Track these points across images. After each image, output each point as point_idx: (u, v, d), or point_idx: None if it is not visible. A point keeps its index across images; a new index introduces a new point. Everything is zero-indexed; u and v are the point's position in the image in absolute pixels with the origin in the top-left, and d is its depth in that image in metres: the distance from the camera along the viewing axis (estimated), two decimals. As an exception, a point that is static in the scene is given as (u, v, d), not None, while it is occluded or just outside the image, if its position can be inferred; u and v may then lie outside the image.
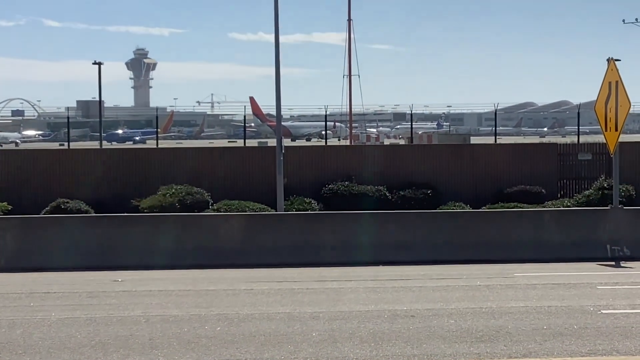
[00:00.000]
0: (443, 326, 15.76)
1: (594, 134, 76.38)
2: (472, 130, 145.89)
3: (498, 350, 14.00)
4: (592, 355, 13.67)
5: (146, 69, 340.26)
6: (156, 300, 18.89)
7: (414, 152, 43.49)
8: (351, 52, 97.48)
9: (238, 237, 25.39)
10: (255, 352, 13.95)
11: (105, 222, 26.19)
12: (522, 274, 22.40)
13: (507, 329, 15.44)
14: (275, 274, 22.84)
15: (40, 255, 24.40)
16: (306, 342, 14.56)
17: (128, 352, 13.98)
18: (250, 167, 40.53)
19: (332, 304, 18.10)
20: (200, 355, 13.78)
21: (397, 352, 13.85)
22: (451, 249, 25.33)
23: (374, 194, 39.23)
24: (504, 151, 43.37)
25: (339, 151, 45.32)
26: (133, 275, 22.49)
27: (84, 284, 21.18)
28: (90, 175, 39.80)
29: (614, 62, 26.80)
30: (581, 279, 21.64)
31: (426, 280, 21.54)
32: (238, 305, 18.03)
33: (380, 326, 15.80)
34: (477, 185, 40.73)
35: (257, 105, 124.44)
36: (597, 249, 25.39)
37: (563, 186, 41.81)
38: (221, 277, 22.39)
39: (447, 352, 13.86)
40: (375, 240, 25.37)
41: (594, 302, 18.13)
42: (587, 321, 16.13)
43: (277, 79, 35.17)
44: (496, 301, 18.27)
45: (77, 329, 15.77)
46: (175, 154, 42.89)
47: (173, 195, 37.23)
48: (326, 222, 26.57)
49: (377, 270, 23.31)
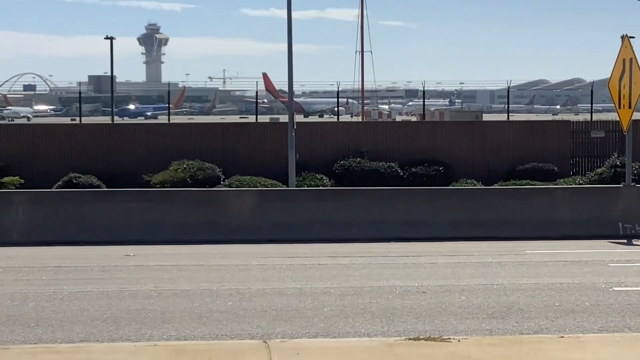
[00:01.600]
0: (454, 302, 15.77)
1: (607, 111, 76.15)
2: (484, 107, 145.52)
3: (510, 326, 14.01)
4: (604, 332, 13.67)
5: (158, 44, 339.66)
6: (168, 274, 18.93)
7: (425, 129, 43.41)
8: (364, 28, 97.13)
9: (250, 213, 25.39)
10: (266, 326, 13.98)
11: (117, 196, 26.20)
12: (534, 251, 22.37)
13: (518, 306, 15.43)
14: (286, 249, 22.85)
15: (52, 230, 24.42)
16: (317, 317, 14.59)
17: (140, 326, 14.03)
18: (262, 143, 40.51)
19: (343, 280, 18.12)
20: (212, 330, 13.81)
21: (408, 328, 13.87)
22: (462, 225, 25.28)
23: (385, 170, 39.19)
24: (516, 128, 43.27)
25: (350, 127, 45.27)
26: (145, 250, 22.52)
27: (95, 258, 21.22)
28: (101, 150, 39.84)
29: (629, 39, 26.68)
30: (593, 256, 21.61)
31: (437, 256, 21.53)
32: (250, 281, 18.06)
33: (392, 302, 15.81)
34: (489, 163, 40.67)
35: (270, 81, 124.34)
36: (609, 226, 25.32)
37: (575, 164, 41.74)
38: (233, 252, 22.41)
39: (458, 328, 13.87)
40: (387, 217, 25.34)
41: (606, 279, 18.11)
42: (599, 298, 16.12)
43: (290, 55, 35.10)
44: (508, 278, 18.26)
45: (89, 302, 15.82)
46: (187, 130, 42.89)
47: (185, 170, 37.26)
48: (337, 198, 26.56)
49: (388, 246, 23.31)
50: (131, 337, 13.39)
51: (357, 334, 13.56)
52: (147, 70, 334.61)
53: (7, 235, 24.16)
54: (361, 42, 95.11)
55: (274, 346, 12.32)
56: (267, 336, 13.26)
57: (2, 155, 39.12)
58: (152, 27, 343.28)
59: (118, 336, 13.45)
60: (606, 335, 13.40)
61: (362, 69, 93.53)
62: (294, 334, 13.54)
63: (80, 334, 13.58)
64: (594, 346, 12.40)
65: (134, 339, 13.21)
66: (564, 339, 12.87)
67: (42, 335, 13.51)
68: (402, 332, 13.57)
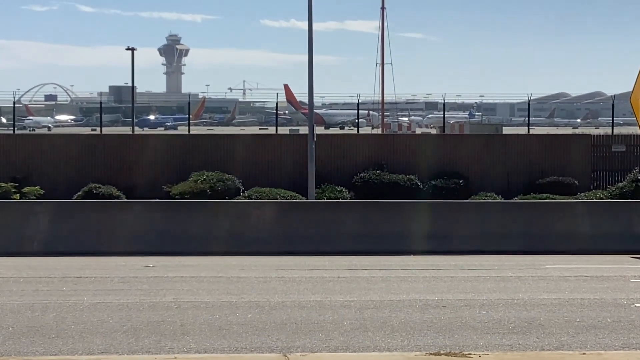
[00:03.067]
0: (475, 317, 15.70)
1: (628, 125, 75.90)
2: (504, 120, 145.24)
3: (530, 342, 13.93)
4: (626, 348, 13.57)
5: (178, 55, 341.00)
6: (187, 286, 18.92)
7: (445, 142, 43.35)
8: (384, 40, 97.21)
9: (269, 225, 25.39)
10: (286, 339, 13.95)
11: (136, 207, 26.26)
12: (554, 265, 22.27)
13: (539, 321, 15.36)
14: (306, 261, 22.83)
15: (72, 240, 24.50)
16: (337, 331, 14.55)
17: (160, 338, 14.02)
18: (281, 155, 40.52)
19: (363, 293, 18.07)
20: (232, 342, 13.79)
21: (428, 342, 13.81)
22: (482, 239, 25.22)
23: (405, 183, 39.13)
24: (536, 142, 43.13)
25: (370, 140, 45.22)
26: (164, 261, 22.54)
27: (115, 269, 21.25)
28: (121, 160, 39.94)
29: (650, 53, 26.57)
30: (614, 271, 21.49)
31: (457, 270, 21.46)
32: (269, 293, 18.04)
33: (412, 316, 15.76)
34: (509, 176, 40.56)
35: (292, 93, 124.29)
36: (630, 241, 25.19)
37: (596, 178, 41.57)
38: (252, 264, 22.40)
39: (479, 343, 13.80)
40: (406, 230, 25.29)
41: (627, 295, 18.01)
42: (621, 314, 16.02)
43: (310, 66, 35.11)
44: (528, 292, 18.17)
45: (110, 314, 15.83)
46: (207, 141, 42.93)
47: (204, 181, 37.30)
48: (357, 210, 26.53)
49: (407, 259, 23.27)
50: (151, 349, 13.38)
51: (377, 348, 13.51)
52: (167, 81, 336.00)
53: (28, 245, 24.26)
54: (382, 54, 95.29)
55: (294, 359, 12.30)
56: (286, 349, 13.23)
57: (23, 165, 39.27)
58: (172, 38, 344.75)
59: (138, 348, 13.45)
60: (628, 352, 13.30)
61: (382, 81, 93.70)
62: (314, 347, 13.51)
63: (100, 345, 13.59)
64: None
65: (153, 351, 13.21)
66: (585, 355, 12.79)
67: (62, 346, 13.52)
68: (422, 347, 13.51)
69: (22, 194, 36.56)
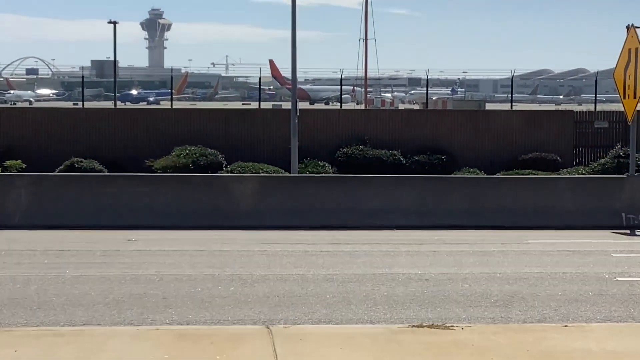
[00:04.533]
0: (457, 290, 15.73)
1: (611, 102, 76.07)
2: (487, 96, 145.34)
3: (513, 315, 13.96)
4: (607, 321, 13.63)
5: (161, 29, 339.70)
6: (170, 259, 18.88)
7: (429, 118, 43.27)
8: (368, 15, 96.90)
9: (252, 199, 25.36)
10: (269, 312, 13.94)
11: (119, 181, 26.15)
12: (537, 240, 22.33)
13: (521, 295, 15.39)
14: (288, 236, 22.81)
15: (54, 213, 24.41)
16: (320, 304, 14.54)
17: (142, 310, 13.99)
18: (264, 130, 40.41)
19: (346, 267, 18.08)
20: (214, 315, 13.77)
21: (411, 315, 13.82)
22: (465, 214, 25.26)
23: (388, 158, 39.09)
24: (519, 118, 43.11)
25: (353, 115, 45.10)
26: (147, 235, 22.49)
27: (97, 243, 21.18)
28: (104, 134, 39.77)
29: (635, 29, 26.58)
30: (596, 246, 21.57)
31: (440, 245, 21.49)
32: (252, 266, 18.02)
33: (394, 289, 15.77)
34: (492, 152, 40.56)
35: (277, 68, 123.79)
36: (612, 217, 25.30)
37: (578, 154, 41.61)
38: (235, 238, 22.38)
39: (461, 316, 13.82)
40: (389, 204, 25.30)
41: (609, 269, 18.07)
42: (603, 288, 16.08)
43: (293, 41, 34.95)
44: (511, 267, 18.22)
45: (91, 286, 15.78)
46: (189, 115, 42.76)
47: (187, 156, 37.17)
48: (340, 185, 26.50)
49: (390, 234, 23.28)
50: (133, 321, 13.35)
51: (359, 321, 13.52)
52: (149, 56, 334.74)
53: (10, 219, 24.16)
54: (365, 30, 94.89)
55: (277, 332, 12.28)
56: (269, 322, 13.21)
57: (4, 138, 39.03)
58: (155, 12, 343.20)
59: (120, 320, 13.41)
60: (610, 324, 13.35)
61: (365, 56, 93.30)
62: (297, 320, 13.50)
63: (83, 317, 13.55)
64: (597, 335, 12.35)
65: (136, 323, 13.18)
66: (567, 328, 12.83)
67: (44, 318, 13.47)
68: (405, 320, 13.52)
69: (4, 168, 36.37)
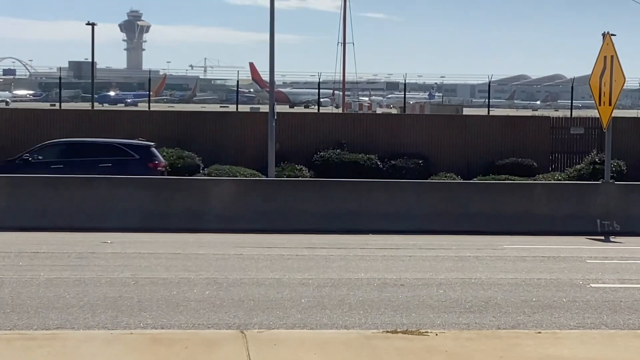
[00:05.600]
0: (432, 296, 15.76)
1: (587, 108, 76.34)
2: (464, 101, 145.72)
3: (487, 321, 14.00)
4: (580, 328, 13.67)
5: (139, 31, 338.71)
6: (145, 262, 18.83)
7: (406, 122, 43.39)
8: (346, 19, 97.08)
9: (228, 202, 25.33)
10: (243, 316, 13.93)
11: (95, 183, 26.05)
12: (512, 246, 22.40)
13: (496, 300, 15.44)
14: (264, 239, 22.80)
15: (29, 215, 24.29)
16: (295, 308, 14.54)
17: (116, 314, 13.94)
18: (242, 133, 40.42)
19: (321, 271, 18.08)
20: (189, 319, 13.74)
21: (385, 320, 13.84)
22: (441, 219, 25.30)
23: (365, 162, 39.19)
24: (496, 123, 43.32)
25: (331, 119, 45.19)
26: (122, 238, 22.41)
27: (73, 245, 21.11)
28: (81, 136, 39.60)
29: (610, 36, 26.73)
30: (571, 252, 21.65)
31: (416, 250, 21.53)
32: (227, 270, 18.00)
33: (370, 294, 15.78)
34: (469, 157, 40.72)
35: (257, 71, 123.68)
36: (587, 223, 25.40)
37: (555, 160, 41.86)
38: (210, 241, 22.34)
39: (435, 321, 13.85)
40: (366, 209, 25.33)
41: (583, 275, 18.15)
42: (576, 294, 16.14)
43: (271, 44, 34.99)
44: (485, 272, 18.27)
45: (66, 289, 15.72)
46: (166, 117, 42.73)
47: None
48: (316, 189, 26.52)
49: (366, 238, 23.29)
50: (107, 324, 13.30)
51: (334, 326, 13.52)
52: (128, 57, 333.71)
53: (-17, 220, 24.02)
54: (343, 33, 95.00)
55: (251, 336, 12.27)
56: (244, 326, 13.20)
57: (-20, 139, 38.86)
58: (133, 14, 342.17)
59: (94, 323, 13.36)
60: (583, 331, 13.39)
61: (343, 60, 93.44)
62: (271, 324, 13.49)
63: (56, 320, 13.49)
64: (570, 342, 12.40)
65: (110, 327, 13.13)
66: (540, 334, 12.87)
67: (17, 321, 13.40)
68: (380, 325, 13.53)
69: (-21, 169, 36.20)
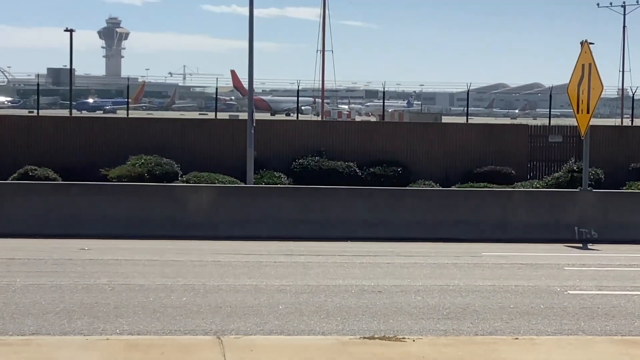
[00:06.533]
0: (410, 302, 15.75)
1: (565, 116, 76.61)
2: (443, 109, 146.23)
3: (464, 327, 14.00)
4: (558, 334, 13.70)
5: (118, 38, 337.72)
6: (122, 269, 18.76)
7: (385, 130, 43.41)
8: (325, 27, 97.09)
9: (207, 209, 25.27)
10: (221, 323, 13.88)
11: (73, 190, 25.95)
12: (490, 253, 22.43)
13: (474, 307, 15.44)
14: (243, 246, 22.74)
15: (6, 222, 24.15)
16: (272, 315, 14.51)
17: (92, 320, 13.87)
18: (221, 140, 40.34)
19: (299, 278, 18.05)
20: (166, 325, 13.68)
21: (363, 327, 13.82)
22: (420, 226, 25.30)
23: (344, 170, 39.17)
24: (475, 131, 43.40)
25: (310, 126, 45.16)
26: (100, 244, 22.33)
27: (49, 251, 21.00)
28: (59, 143, 39.50)
29: (588, 45, 26.82)
30: (549, 259, 21.70)
31: (394, 257, 21.52)
32: (205, 277, 17.95)
33: (347, 301, 15.76)
34: (448, 164, 40.76)
35: (239, 79, 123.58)
36: (565, 230, 25.46)
37: (533, 168, 41.94)
38: (188, 248, 22.28)
39: (413, 328, 13.84)
40: (344, 216, 25.32)
41: (561, 282, 18.19)
42: (554, 301, 16.17)
43: (250, 52, 34.96)
44: (464, 279, 18.28)
45: (42, 295, 15.63)
46: (145, 125, 42.61)
47: (142, 165, 37.01)
48: (294, 196, 26.49)
49: (345, 245, 23.27)
50: (83, 330, 13.23)
51: (311, 332, 13.49)
52: (107, 64, 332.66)
53: (-40, 227, 23.87)
54: (322, 41, 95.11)
55: (228, 342, 12.23)
56: (221, 332, 13.15)
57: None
58: (112, 21, 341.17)
59: (70, 329, 13.29)
60: (560, 337, 13.42)
61: (322, 68, 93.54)
62: (249, 330, 13.45)
63: (32, 326, 13.40)
64: (547, 348, 12.41)
65: (86, 333, 13.06)
66: (518, 340, 12.89)
67: (-8, 327, 13.32)
68: (357, 331, 13.51)
69: (-44, 175, 36.01)
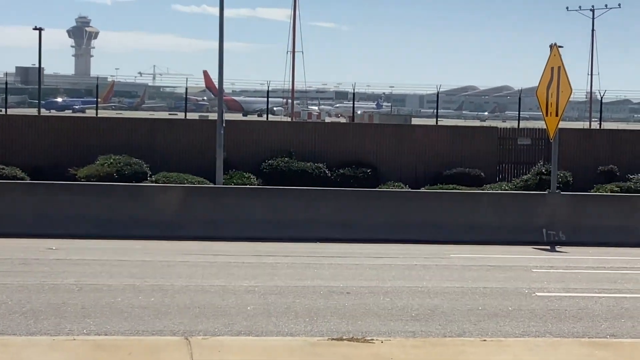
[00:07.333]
0: (378, 304, 15.75)
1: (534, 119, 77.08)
2: (413, 111, 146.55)
3: (433, 329, 14.02)
4: (525, 336, 13.74)
5: (88, 37, 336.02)
6: (90, 269, 18.66)
7: (355, 131, 43.42)
8: (296, 28, 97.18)
9: (175, 209, 25.19)
10: (189, 323, 13.83)
11: (40, 189, 25.82)
12: (459, 255, 22.48)
13: (442, 309, 15.47)
14: (211, 247, 22.69)
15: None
16: (241, 315, 14.47)
17: (59, 320, 13.78)
18: (190, 140, 40.22)
19: (267, 279, 18.02)
20: (133, 325, 13.62)
21: (331, 328, 13.81)
22: (389, 228, 25.34)
23: (313, 171, 39.15)
24: (444, 133, 43.49)
25: (280, 127, 45.13)
26: (68, 244, 22.21)
27: (17, 251, 20.86)
28: (27, 142, 39.25)
29: (557, 48, 26.96)
30: (517, 261, 21.78)
31: (363, 258, 21.53)
32: (173, 277, 17.88)
33: (316, 302, 15.75)
34: (417, 166, 40.83)
35: (211, 79, 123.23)
36: (533, 233, 25.57)
37: (502, 170, 42.09)
38: (157, 248, 22.20)
39: (381, 329, 13.84)
40: (313, 217, 25.30)
41: (529, 284, 18.25)
42: (522, 303, 16.22)
43: (220, 52, 34.89)
44: (432, 281, 18.31)
45: (9, 295, 15.52)
46: (114, 124, 42.42)
47: (111, 165, 36.86)
48: (263, 197, 26.45)
49: (313, 246, 23.26)
50: (50, 331, 13.14)
51: (280, 333, 13.47)
52: (76, 64, 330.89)
53: None
54: (293, 42, 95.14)
55: (196, 343, 12.18)
56: (189, 333, 13.10)
57: None
58: (82, 20, 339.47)
59: (37, 330, 13.20)
60: (528, 339, 13.45)
61: (293, 69, 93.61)
62: (217, 331, 13.41)
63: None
64: (515, 350, 12.45)
65: (52, 333, 12.97)
66: (485, 342, 12.92)
67: (-42, 327, 13.21)
68: (325, 332, 13.50)
69: None
